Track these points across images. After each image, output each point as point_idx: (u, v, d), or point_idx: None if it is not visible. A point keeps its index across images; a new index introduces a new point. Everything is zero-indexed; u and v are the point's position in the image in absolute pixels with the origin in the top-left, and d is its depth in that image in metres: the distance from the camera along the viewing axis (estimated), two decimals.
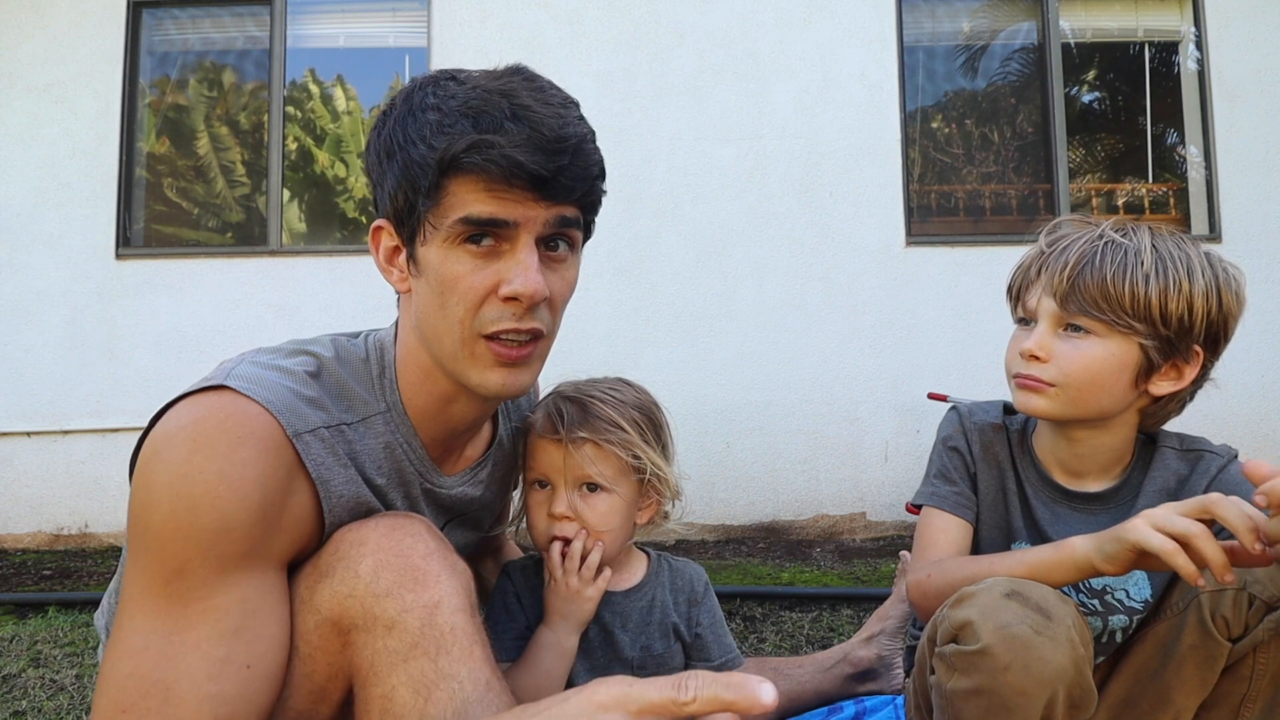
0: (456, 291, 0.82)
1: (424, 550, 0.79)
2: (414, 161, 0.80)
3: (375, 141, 0.86)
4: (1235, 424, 3.48)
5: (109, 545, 3.46)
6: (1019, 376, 1.03)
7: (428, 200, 0.80)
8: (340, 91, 4.02)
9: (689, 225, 3.59)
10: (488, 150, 0.76)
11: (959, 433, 1.14)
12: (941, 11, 3.91)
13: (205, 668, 0.72)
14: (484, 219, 0.79)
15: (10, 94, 3.65)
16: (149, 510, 0.74)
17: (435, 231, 0.81)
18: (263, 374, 0.81)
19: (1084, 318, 0.98)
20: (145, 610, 0.73)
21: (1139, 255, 0.97)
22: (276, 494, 0.77)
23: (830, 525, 3.53)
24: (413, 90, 0.84)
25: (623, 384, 1.08)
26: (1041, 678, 0.81)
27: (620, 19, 3.67)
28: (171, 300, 3.60)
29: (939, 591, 1.00)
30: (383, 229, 0.88)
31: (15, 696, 1.74)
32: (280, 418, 0.78)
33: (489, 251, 0.81)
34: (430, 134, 0.79)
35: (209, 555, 0.73)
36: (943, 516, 1.10)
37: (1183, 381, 1.00)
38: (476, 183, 0.78)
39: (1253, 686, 0.93)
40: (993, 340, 3.61)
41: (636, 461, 1.01)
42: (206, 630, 0.73)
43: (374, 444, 0.89)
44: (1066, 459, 1.08)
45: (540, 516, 1.03)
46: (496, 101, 0.79)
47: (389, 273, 0.89)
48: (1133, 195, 4.04)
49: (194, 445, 0.74)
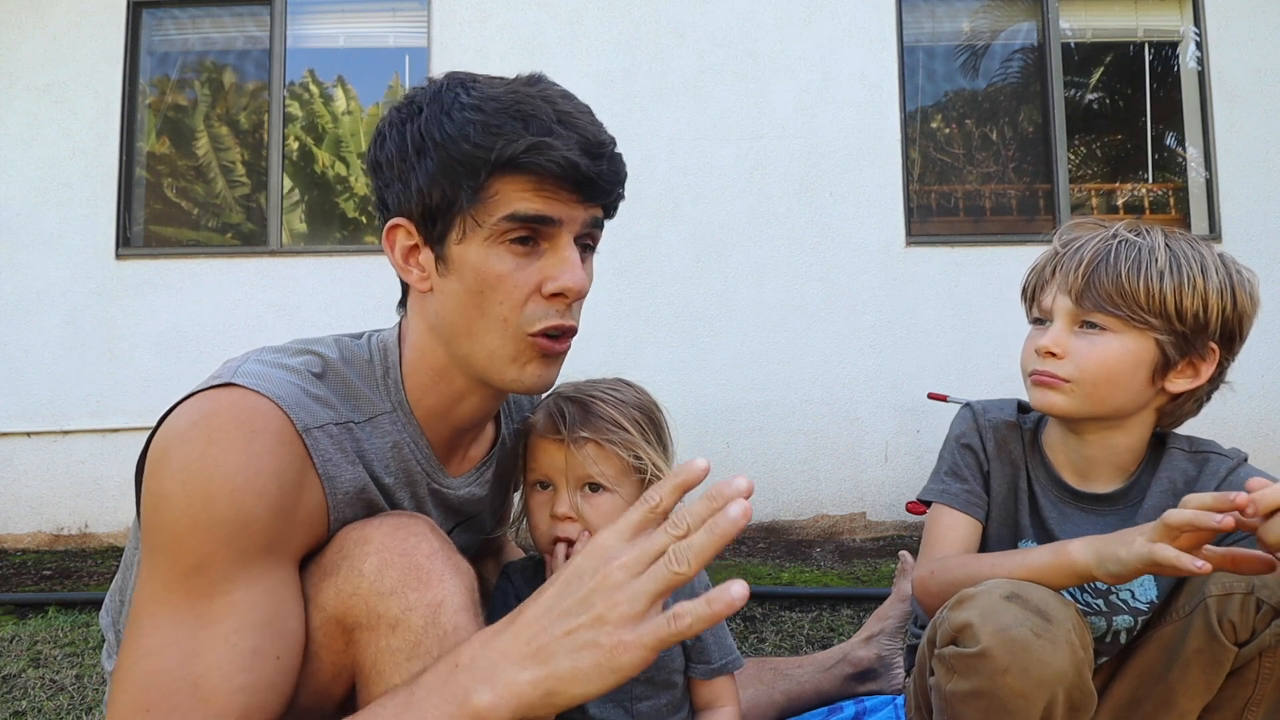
0: (501, 289, 0.83)
1: (428, 550, 0.79)
2: (455, 159, 0.80)
3: (396, 139, 0.85)
4: (1235, 424, 3.48)
5: (109, 545, 3.46)
6: (1035, 373, 1.03)
7: (471, 197, 0.81)
8: (340, 91, 4.02)
9: (689, 225, 3.59)
10: (548, 151, 0.79)
11: (973, 430, 1.14)
12: (941, 11, 3.91)
13: (236, 660, 0.72)
14: (531, 216, 0.81)
15: (10, 94, 3.65)
16: (164, 506, 0.73)
17: (477, 229, 0.82)
18: (270, 371, 0.81)
19: (1099, 314, 0.98)
20: (166, 607, 0.73)
21: (1153, 252, 0.98)
22: (292, 488, 0.77)
23: (830, 525, 3.53)
24: (440, 90, 0.84)
25: (623, 384, 1.08)
26: (1041, 680, 0.81)
27: (620, 19, 3.67)
28: (171, 300, 3.60)
29: (940, 590, 1.00)
30: (401, 227, 0.87)
31: (15, 696, 1.74)
32: (290, 413, 0.78)
33: (530, 250, 0.84)
34: (475, 133, 0.80)
35: (229, 548, 0.73)
36: (952, 514, 1.10)
37: (1199, 379, 1.00)
38: (527, 182, 0.81)
39: (1258, 691, 0.93)
40: (993, 340, 3.64)
41: (638, 462, 1.01)
42: (235, 622, 0.72)
43: (381, 443, 0.89)
44: (1077, 459, 1.08)
45: (542, 517, 1.03)
46: (541, 105, 0.81)
47: (408, 272, 0.88)
48: (1133, 195, 4.04)
49: (208, 439, 0.74)
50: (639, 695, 1.05)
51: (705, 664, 1.08)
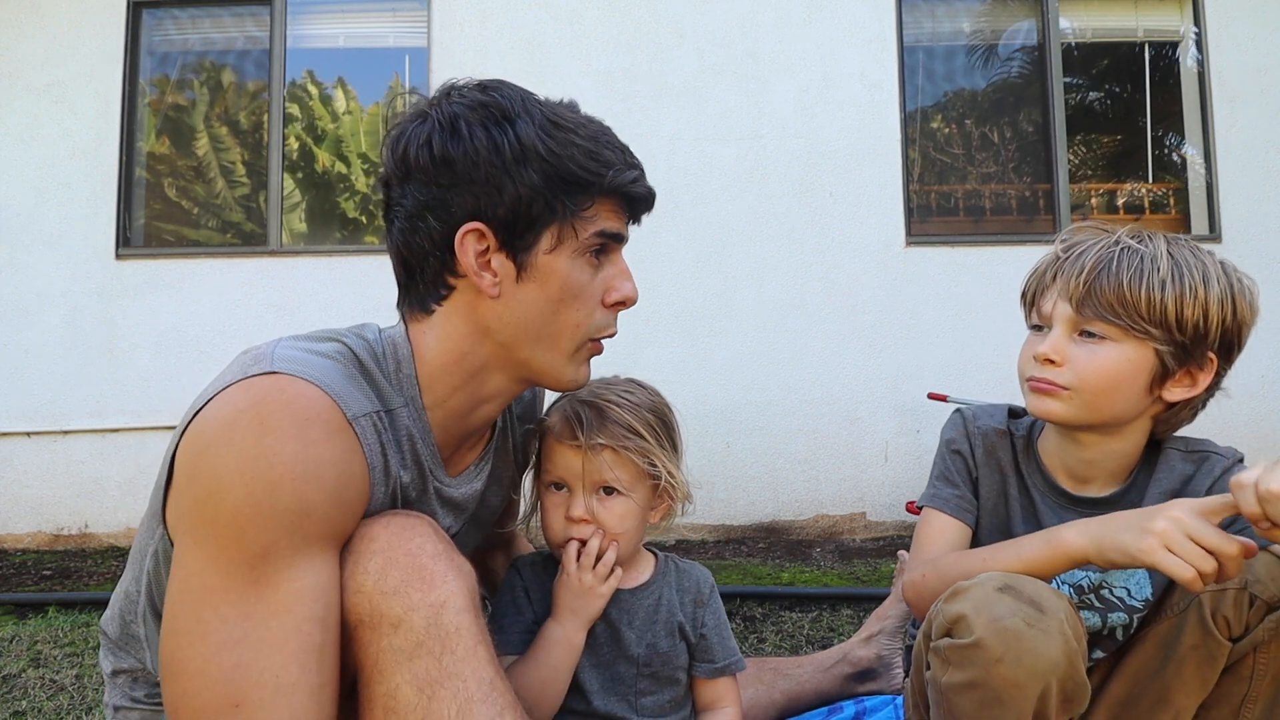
0: (581, 298, 0.91)
1: (432, 550, 0.79)
2: (563, 175, 0.85)
3: (485, 141, 0.84)
4: (1235, 424, 3.48)
5: (109, 545, 3.46)
6: (1033, 380, 1.02)
7: (573, 212, 0.87)
8: (340, 91, 4.02)
9: (689, 225, 3.59)
10: (643, 182, 0.92)
11: (962, 436, 1.14)
12: (941, 11, 3.91)
13: (309, 657, 0.73)
14: (614, 234, 0.92)
15: (10, 94, 3.65)
16: (222, 496, 0.72)
17: (573, 240, 0.88)
18: (308, 358, 0.81)
19: (1099, 323, 0.98)
20: (230, 597, 0.72)
21: (1155, 261, 0.97)
22: (346, 475, 0.78)
23: (830, 525, 3.53)
24: (529, 104, 0.87)
25: (636, 386, 1.09)
26: (1034, 670, 0.82)
27: (620, 19, 3.67)
28: (171, 300, 3.60)
29: (934, 590, 1.01)
30: (476, 231, 0.86)
31: (15, 696, 1.75)
32: (339, 400, 0.78)
33: (599, 264, 0.93)
34: (583, 155, 0.86)
35: (292, 536, 0.73)
36: (941, 518, 1.11)
37: (1197, 388, 1.00)
38: (617, 205, 0.92)
39: (1253, 686, 0.94)
40: (993, 340, 3.64)
41: (652, 468, 1.03)
42: (304, 611, 0.73)
43: (398, 436, 0.89)
44: (1074, 464, 1.08)
45: (557, 518, 1.05)
46: (615, 138, 0.92)
47: (479, 277, 0.87)
48: (1133, 195, 4.04)
49: (263, 427, 0.73)
50: (643, 690, 1.06)
51: (709, 663, 1.10)
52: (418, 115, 0.89)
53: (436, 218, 0.86)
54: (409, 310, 0.94)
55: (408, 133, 0.88)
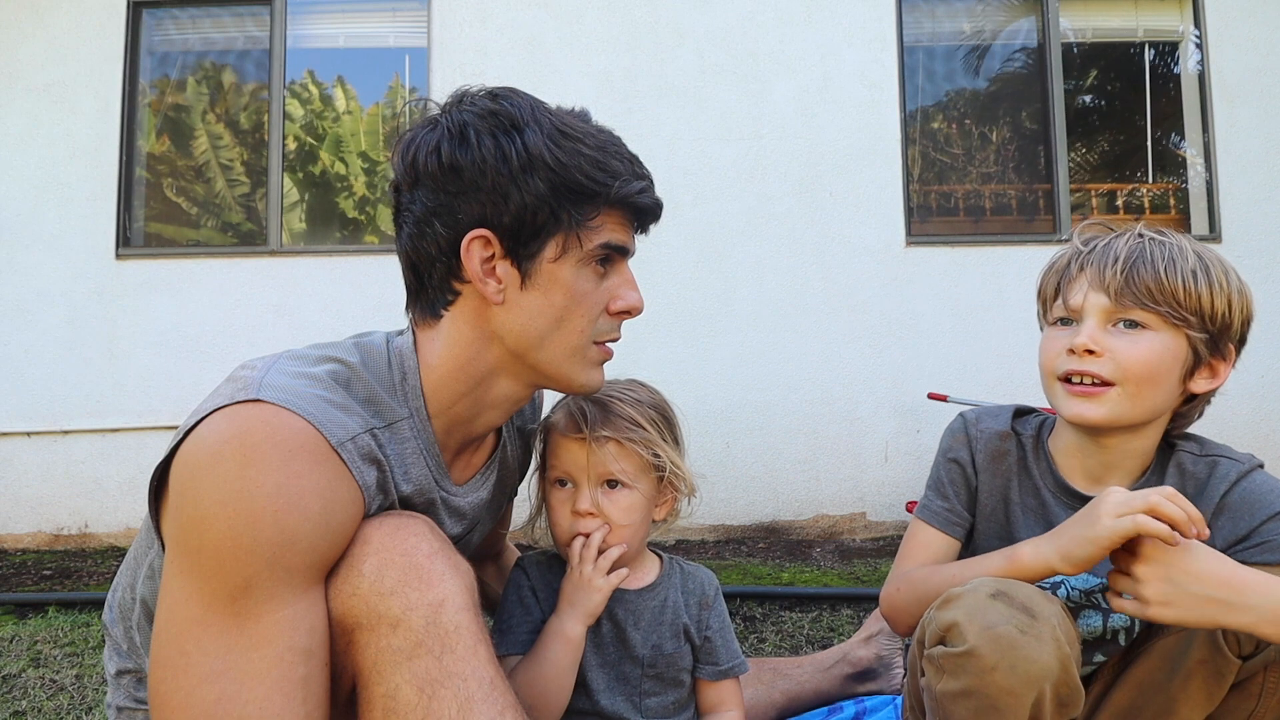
0: (584, 305, 0.91)
1: (428, 550, 0.79)
2: (569, 185, 0.86)
3: (493, 149, 0.84)
4: (1235, 424, 3.48)
5: (109, 545, 3.46)
6: (1070, 382, 1.00)
7: (579, 222, 0.88)
8: (340, 91, 4.02)
9: (689, 225, 3.59)
10: (650, 194, 0.93)
11: (961, 443, 1.12)
12: (941, 11, 3.91)
13: (297, 683, 0.73)
14: (619, 246, 0.93)
15: (10, 94, 3.65)
16: (205, 528, 0.72)
17: (577, 250, 0.89)
18: (295, 384, 0.81)
19: (1140, 310, 0.97)
20: (212, 630, 0.72)
21: (1184, 252, 0.98)
22: (332, 503, 0.77)
23: (830, 525, 3.53)
24: (538, 113, 0.87)
25: (638, 384, 1.11)
26: (1028, 677, 0.81)
27: (620, 19, 3.67)
28: (171, 300, 3.60)
29: (905, 604, 1.02)
30: (482, 238, 0.86)
31: (15, 696, 1.75)
32: (323, 429, 0.78)
33: (604, 273, 0.94)
34: (589, 166, 0.87)
35: (274, 568, 0.73)
36: (928, 531, 1.10)
37: (1217, 380, 1.00)
38: (623, 216, 0.92)
39: (1261, 704, 0.92)
40: (993, 340, 3.64)
41: (656, 459, 1.04)
42: (285, 642, 0.73)
43: (401, 449, 0.89)
44: (1093, 465, 1.05)
45: (563, 514, 1.06)
46: (624, 148, 0.92)
47: (484, 284, 0.88)
48: (1132, 195, 4.04)
49: (245, 460, 0.73)
50: (648, 691, 1.06)
51: (713, 665, 1.10)
52: (428, 122, 0.89)
53: (443, 224, 0.87)
54: (418, 316, 0.94)
55: (418, 139, 0.88)
